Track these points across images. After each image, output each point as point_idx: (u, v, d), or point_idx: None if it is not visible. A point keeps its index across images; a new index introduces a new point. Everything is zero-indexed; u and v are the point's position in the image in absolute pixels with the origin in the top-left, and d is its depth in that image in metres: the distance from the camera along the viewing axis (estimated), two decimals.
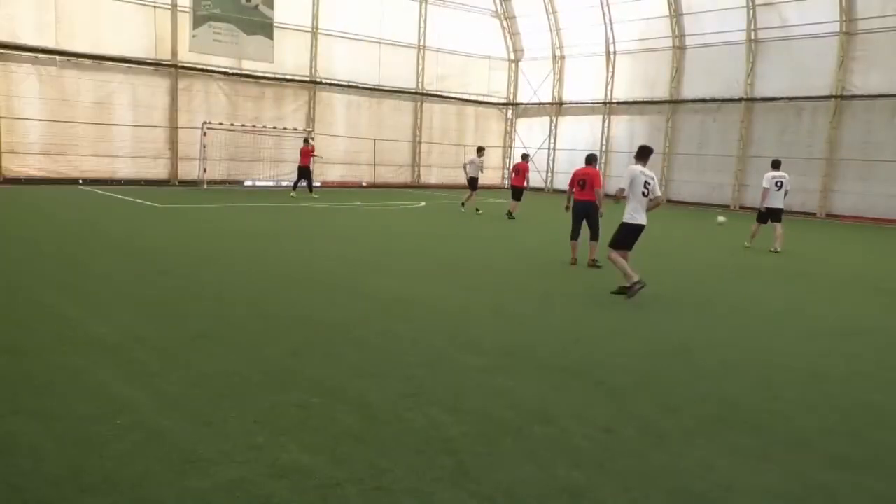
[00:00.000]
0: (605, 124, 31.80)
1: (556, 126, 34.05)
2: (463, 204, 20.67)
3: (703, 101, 27.97)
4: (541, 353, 6.28)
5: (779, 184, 14.41)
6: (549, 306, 8.44)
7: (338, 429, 4.34)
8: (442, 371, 5.62)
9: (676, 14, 28.48)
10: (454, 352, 6.20)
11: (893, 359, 6.86)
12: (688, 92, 28.67)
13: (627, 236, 9.08)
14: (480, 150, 21.03)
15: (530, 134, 35.17)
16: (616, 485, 3.77)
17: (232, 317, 7.10)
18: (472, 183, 20.49)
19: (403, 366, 5.71)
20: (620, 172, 29.38)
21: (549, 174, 34.36)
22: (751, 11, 26.09)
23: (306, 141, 24.25)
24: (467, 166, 20.76)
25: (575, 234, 11.74)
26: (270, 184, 27.25)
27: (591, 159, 11.95)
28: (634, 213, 9.00)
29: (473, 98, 33.97)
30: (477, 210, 20.55)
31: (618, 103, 31.20)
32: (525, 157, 20.87)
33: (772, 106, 26.00)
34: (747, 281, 10.96)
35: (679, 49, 28.77)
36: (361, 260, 11.14)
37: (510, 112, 36.01)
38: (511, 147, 36.08)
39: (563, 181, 33.47)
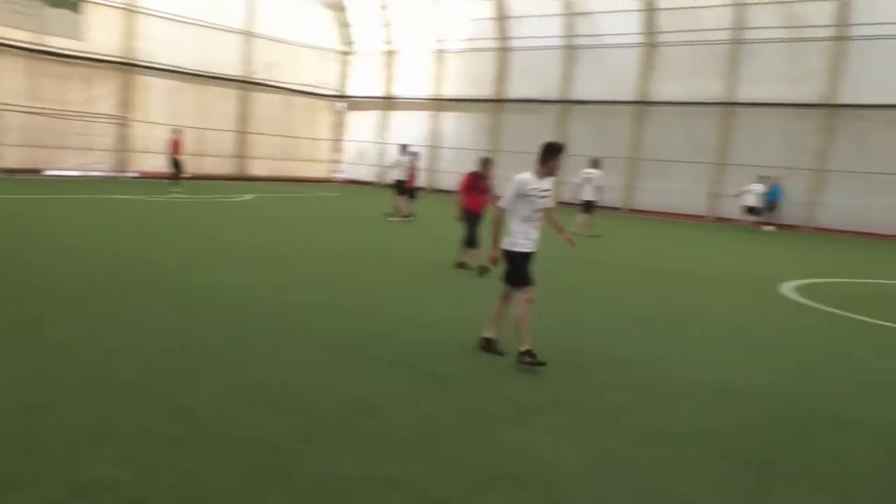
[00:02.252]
0: (434, 120, 32.51)
1: (387, 120, 34.30)
2: (390, 215, 17.97)
3: (525, 101, 29.43)
4: (368, 346, 6.30)
5: (590, 179, 16.00)
6: (378, 298, 8.49)
7: (153, 437, 4.09)
8: (265, 368, 5.47)
9: (502, 17, 29.70)
10: (280, 347, 6.05)
11: (679, 337, 7.64)
12: (512, 92, 30.03)
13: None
14: (405, 147, 18.80)
15: (362, 127, 35.14)
16: (438, 472, 3.87)
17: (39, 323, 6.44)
18: (399, 186, 18.17)
19: (223, 364, 5.49)
20: (449, 168, 30.34)
21: (381, 168, 34.51)
22: (568, 19, 27.83)
23: (175, 132, 22.65)
24: (394, 169, 18.45)
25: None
26: (76, 173, 24.91)
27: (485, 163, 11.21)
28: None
29: (303, 89, 33.28)
30: (405, 216, 17.83)
31: (447, 100, 32.01)
32: (409, 152, 18.96)
33: (586, 109, 27.93)
34: (570, 272, 11.71)
35: (504, 51, 30.04)
36: (182, 255, 10.55)
37: (341, 105, 35.73)
38: (342, 140, 35.84)
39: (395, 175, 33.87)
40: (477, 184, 11.03)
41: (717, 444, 4.58)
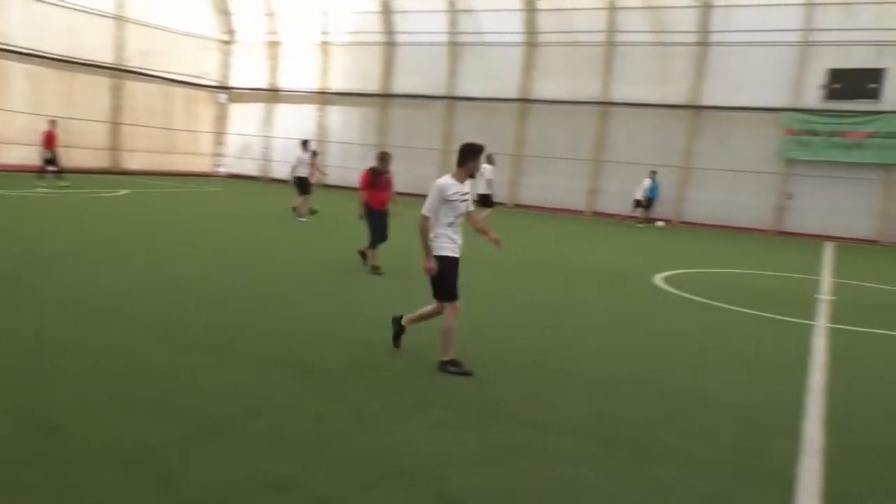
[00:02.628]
0: (321, 114, 32.06)
1: (271, 113, 33.47)
2: (295, 209, 17.25)
3: (412, 96, 29.57)
4: (256, 346, 6.19)
5: (482, 174, 16.43)
6: (260, 297, 8.33)
7: (19, 450, 3.85)
8: (146, 372, 5.26)
9: (387, 11, 29.66)
10: (161, 350, 5.84)
11: (561, 328, 8.00)
12: (399, 87, 30.08)
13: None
14: (305, 143, 17.98)
15: (245, 120, 34.10)
16: (327, 472, 3.88)
17: None
18: (301, 184, 17.33)
19: (98, 372, 5.23)
20: (335, 162, 30.04)
21: (266, 163, 33.67)
22: (452, 16, 28.20)
23: (50, 123, 21.01)
24: (297, 167, 17.45)
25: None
26: None
27: (382, 157, 10.79)
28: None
29: (182, 79, 31.86)
30: (300, 215, 17.18)
31: (333, 94, 31.63)
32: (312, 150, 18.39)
33: (471, 105, 28.43)
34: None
35: (390, 45, 30.03)
36: (48, 254, 9.89)
37: (223, 96, 34.50)
38: (224, 133, 34.63)
39: (280, 170, 33.13)
40: (376, 180, 10.63)
41: (597, 428, 4.86)
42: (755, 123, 23.88)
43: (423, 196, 6.09)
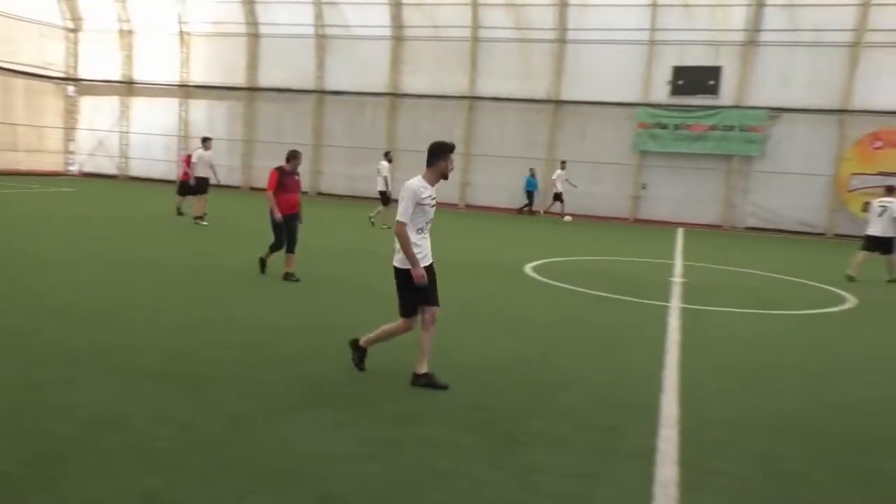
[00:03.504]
0: (183, 108, 30.59)
1: (128, 107, 31.53)
2: (195, 218, 16.06)
3: (279, 90, 28.84)
4: (118, 356, 5.85)
5: (379, 171, 18.19)
6: (123, 305, 7.87)
7: None
8: None
9: (249, 1, 28.70)
10: (10, 365, 5.38)
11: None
12: (264, 80, 29.23)
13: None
14: (206, 140, 16.71)
15: (98, 114, 31.89)
16: (196, 481, 3.74)
17: None
18: (200, 184, 16.24)
19: None
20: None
21: (124, 160, 31.74)
22: (317, 8, 27.73)
23: None
24: (197, 165, 16.39)
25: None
26: None
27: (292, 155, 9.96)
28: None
29: (23, 69, 29.30)
30: (197, 219, 16.09)
31: (195, 87, 30.25)
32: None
33: (340, 99, 28.13)
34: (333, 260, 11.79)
35: (254, 37, 29.10)
36: None
37: (71, 89, 32.10)
38: (75, 129, 32.25)
39: (140, 168, 31.32)
40: (284, 181, 9.71)
41: (474, 418, 4.99)
42: (611, 117, 25.27)
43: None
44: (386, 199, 18.24)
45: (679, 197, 24.95)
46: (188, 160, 17.47)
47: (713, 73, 24.22)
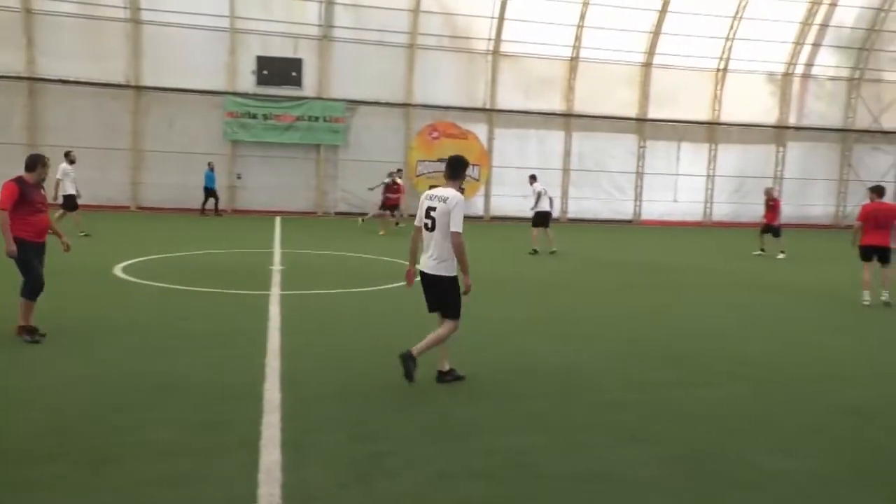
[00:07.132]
0: None
1: None
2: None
3: None
4: None
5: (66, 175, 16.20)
6: None
7: None
8: None
9: None
10: None
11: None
12: None
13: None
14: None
15: None
16: None
17: None
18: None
19: None
20: None
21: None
22: None
23: None
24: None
25: None
26: None
27: None
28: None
29: None
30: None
31: None
32: None
33: None
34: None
35: None
36: None
37: None
38: None
39: None
40: (29, 196, 7.02)
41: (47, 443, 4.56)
42: (199, 106, 24.54)
43: None
44: (73, 204, 16.39)
45: (274, 186, 25.48)
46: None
47: (295, 64, 25.19)
